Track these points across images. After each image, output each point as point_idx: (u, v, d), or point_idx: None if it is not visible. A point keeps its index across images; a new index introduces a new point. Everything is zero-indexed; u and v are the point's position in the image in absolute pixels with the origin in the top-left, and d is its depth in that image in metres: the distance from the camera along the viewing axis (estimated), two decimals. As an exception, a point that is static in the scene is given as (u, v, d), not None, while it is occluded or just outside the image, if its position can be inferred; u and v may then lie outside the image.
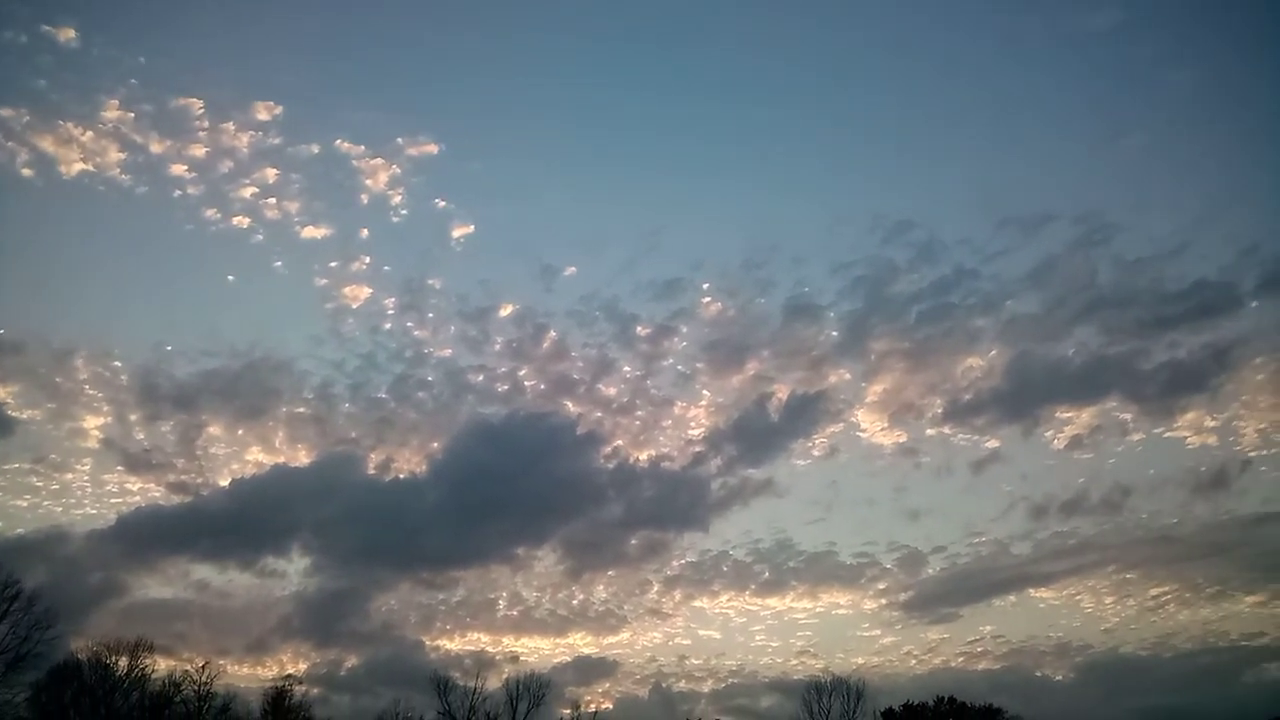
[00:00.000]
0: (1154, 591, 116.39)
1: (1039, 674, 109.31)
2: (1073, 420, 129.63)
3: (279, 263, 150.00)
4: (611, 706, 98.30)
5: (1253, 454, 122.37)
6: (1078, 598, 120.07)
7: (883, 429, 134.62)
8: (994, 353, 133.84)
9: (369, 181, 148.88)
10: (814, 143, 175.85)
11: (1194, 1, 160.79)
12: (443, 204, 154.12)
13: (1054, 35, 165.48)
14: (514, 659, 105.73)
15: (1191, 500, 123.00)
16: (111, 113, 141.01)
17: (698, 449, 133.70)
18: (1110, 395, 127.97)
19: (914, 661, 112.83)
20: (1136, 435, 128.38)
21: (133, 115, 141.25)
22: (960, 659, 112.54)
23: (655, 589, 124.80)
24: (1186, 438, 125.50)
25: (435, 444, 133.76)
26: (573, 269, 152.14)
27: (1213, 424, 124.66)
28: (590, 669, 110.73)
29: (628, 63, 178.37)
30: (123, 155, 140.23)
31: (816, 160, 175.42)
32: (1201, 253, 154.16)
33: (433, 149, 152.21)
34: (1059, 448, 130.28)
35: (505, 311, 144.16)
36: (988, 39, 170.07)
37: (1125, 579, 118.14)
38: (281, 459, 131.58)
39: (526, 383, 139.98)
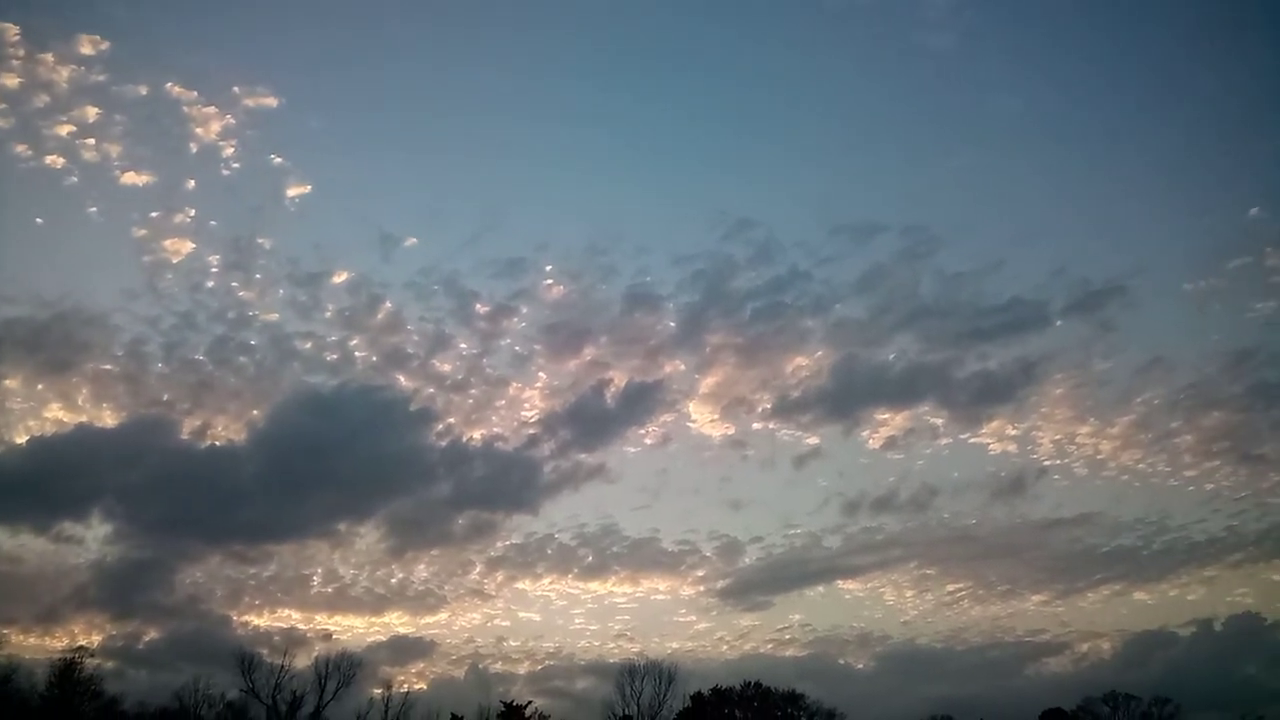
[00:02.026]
0: (951, 587, 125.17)
1: (842, 662, 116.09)
2: (889, 422, 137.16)
3: (94, 208, 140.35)
4: (425, 687, 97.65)
5: (1048, 463, 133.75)
6: (881, 591, 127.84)
7: (713, 420, 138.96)
8: (821, 353, 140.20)
9: (199, 130, 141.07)
10: (660, 134, 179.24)
11: (1023, 34, 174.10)
12: (279, 160, 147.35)
13: (894, 51, 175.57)
14: (327, 637, 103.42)
15: (990, 503, 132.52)
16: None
17: (531, 431, 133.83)
18: (925, 400, 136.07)
19: (726, 647, 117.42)
20: (945, 440, 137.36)
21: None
22: (770, 645, 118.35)
23: (478, 570, 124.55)
24: (989, 444, 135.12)
25: (256, 412, 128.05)
26: (413, 240, 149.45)
27: (1014, 433, 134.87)
28: (406, 649, 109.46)
29: (477, 35, 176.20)
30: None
31: (663, 151, 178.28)
32: (1016, 271, 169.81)
33: (271, 102, 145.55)
34: (874, 447, 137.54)
35: (339, 278, 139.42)
36: (833, 49, 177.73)
37: (925, 574, 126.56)
38: (85, 418, 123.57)
39: (358, 354, 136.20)
